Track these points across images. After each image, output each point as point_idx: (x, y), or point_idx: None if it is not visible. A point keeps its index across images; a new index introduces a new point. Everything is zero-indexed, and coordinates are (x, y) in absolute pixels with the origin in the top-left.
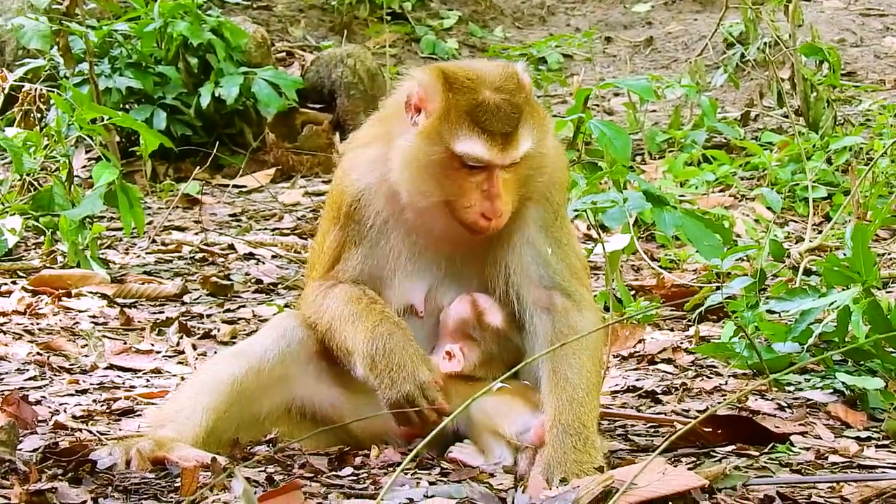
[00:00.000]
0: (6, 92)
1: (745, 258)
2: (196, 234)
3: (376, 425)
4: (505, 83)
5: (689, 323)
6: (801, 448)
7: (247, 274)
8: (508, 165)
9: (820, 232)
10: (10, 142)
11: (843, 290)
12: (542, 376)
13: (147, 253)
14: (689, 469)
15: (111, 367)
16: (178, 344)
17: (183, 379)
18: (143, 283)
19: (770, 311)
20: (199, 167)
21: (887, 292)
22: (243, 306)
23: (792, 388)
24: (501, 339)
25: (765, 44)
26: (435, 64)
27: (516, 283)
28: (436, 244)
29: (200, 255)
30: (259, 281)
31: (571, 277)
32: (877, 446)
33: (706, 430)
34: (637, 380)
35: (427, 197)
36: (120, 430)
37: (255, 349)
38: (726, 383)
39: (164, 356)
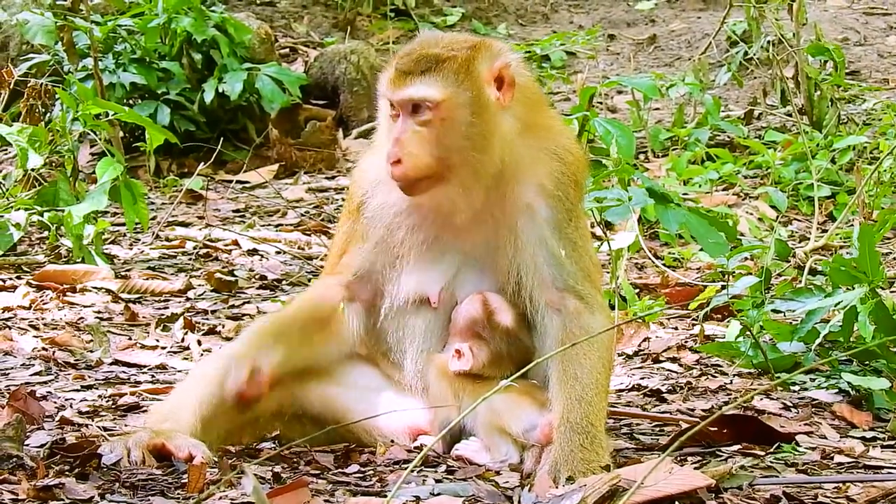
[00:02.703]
0: (11, 87)
1: (749, 257)
2: (200, 229)
3: (376, 423)
4: (449, 43)
5: (694, 321)
6: (806, 448)
7: (251, 270)
8: (405, 105)
9: (824, 231)
10: (16, 136)
11: (849, 290)
12: (552, 375)
13: (151, 248)
14: (696, 468)
15: (116, 362)
16: (182, 340)
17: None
18: (147, 279)
19: (775, 311)
20: (202, 163)
21: (892, 292)
22: (248, 302)
23: (797, 388)
24: (511, 339)
25: (768, 42)
26: None
27: (528, 284)
28: (441, 233)
29: (204, 250)
30: (263, 277)
31: (584, 280)
32: (882, 447)
33: (712, 429)
34: (642, 378)
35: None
36: (126, 426)
37: (228, 351)
38: (731, 382)
39: (169, 352)
